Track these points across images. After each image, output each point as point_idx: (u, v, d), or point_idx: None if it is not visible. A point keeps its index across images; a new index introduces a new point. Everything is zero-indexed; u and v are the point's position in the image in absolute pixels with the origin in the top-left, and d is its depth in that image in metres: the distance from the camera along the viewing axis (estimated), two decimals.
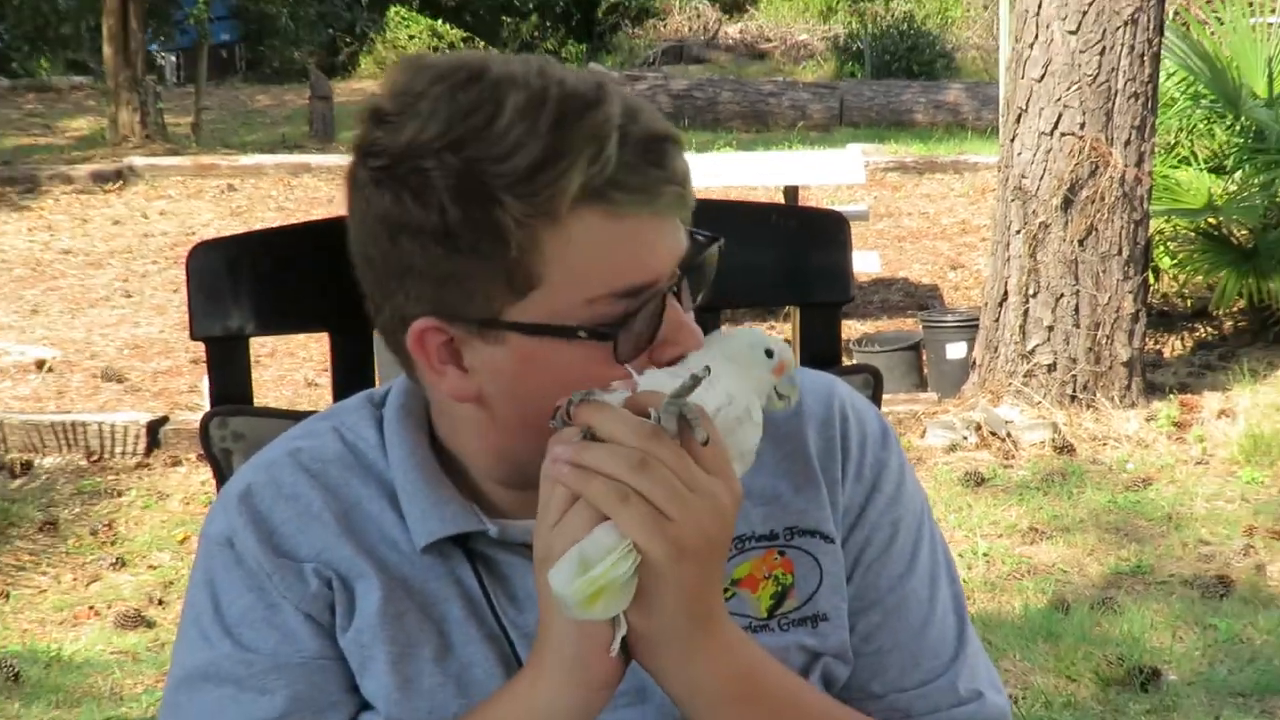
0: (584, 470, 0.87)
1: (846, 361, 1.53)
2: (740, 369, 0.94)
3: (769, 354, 0.95)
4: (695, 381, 0.89)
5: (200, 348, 1.47)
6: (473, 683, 1.08)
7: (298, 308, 1.46)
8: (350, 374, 1.49)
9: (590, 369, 0.94)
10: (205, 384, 1.57)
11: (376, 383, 1.44)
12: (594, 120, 0.92)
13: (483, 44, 17.66)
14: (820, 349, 1.55)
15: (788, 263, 1.53)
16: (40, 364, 7.05)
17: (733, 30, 20.26)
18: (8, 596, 4.63)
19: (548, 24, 20.51)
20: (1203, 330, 7.33)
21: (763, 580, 1.14)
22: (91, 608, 4.58)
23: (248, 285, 1.43)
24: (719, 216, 1.20)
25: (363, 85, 17.28)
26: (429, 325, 0.97)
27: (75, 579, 4.85)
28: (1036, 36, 5.95)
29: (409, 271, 0.96)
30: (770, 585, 1.14)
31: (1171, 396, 6.17)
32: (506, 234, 0.91)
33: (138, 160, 12.39)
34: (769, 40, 19.68)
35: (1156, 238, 6.56)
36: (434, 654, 1.09)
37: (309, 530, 1.10)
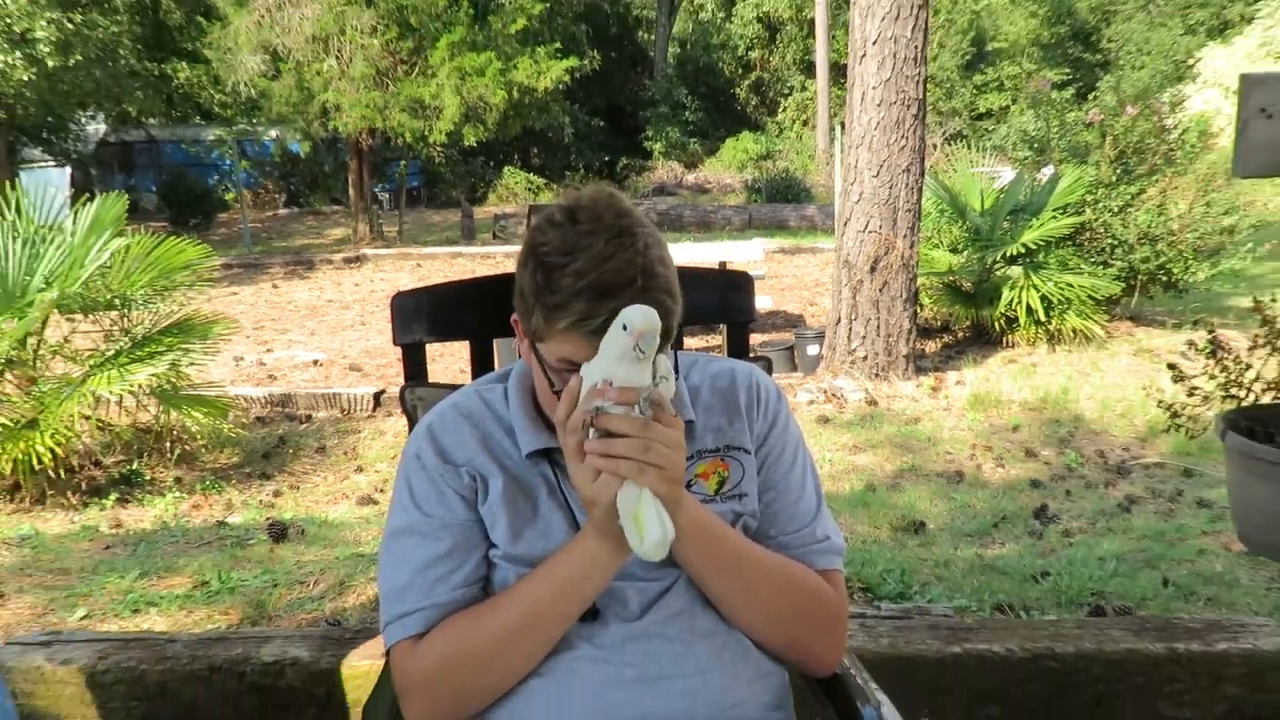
0: (612, 459, 1.16)
1: (753, 356, 1.77)
2: (622, 358, 1.16)
3: (624, 328, 1.15)
4: (656, 382, 1.18)
5: (399, 351, 1.78)
6: (552, 533, 1.38)
7: (451, 327, 1.76)
8: (482, 364, 1.78)
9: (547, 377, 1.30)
10: (402, 369, 1.81)
11: (497, 368, 1.68)
12: (603, 305, 1.21)
13: (557, 184, 26.16)
14: (739, 349, 1.85)
15: (720, 300, 1.82)
16: (315, 362, 8.82)
17: (690, 177, 28.31)
18: (298, 488, 5.51)
19: (590, 174, 28.66)
20: (946, 338, 8.85)
21: (712, 474, 1.44)
22: (344, 494, 5.38)
23: (424, 315, 1.77)
24: (685, 277, 1.35)
25: (490, 209, 22.94)
26: (519, 319, 1.34)
27: (334, 478, 5.72)
28: (855, 180, 7.24)
29: (521, 296, 1.31)
30: (716, 478, 1.44)
31: (930, 374, 7.53)
32: (534, 321, 1.29)
33: (368, 251, 16.97)
34: (710, 183, 27.42)
35: (921, 288, 7.97)
36: (531, 517, 1.39)
37: (463, 448, 1.42)
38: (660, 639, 1.38)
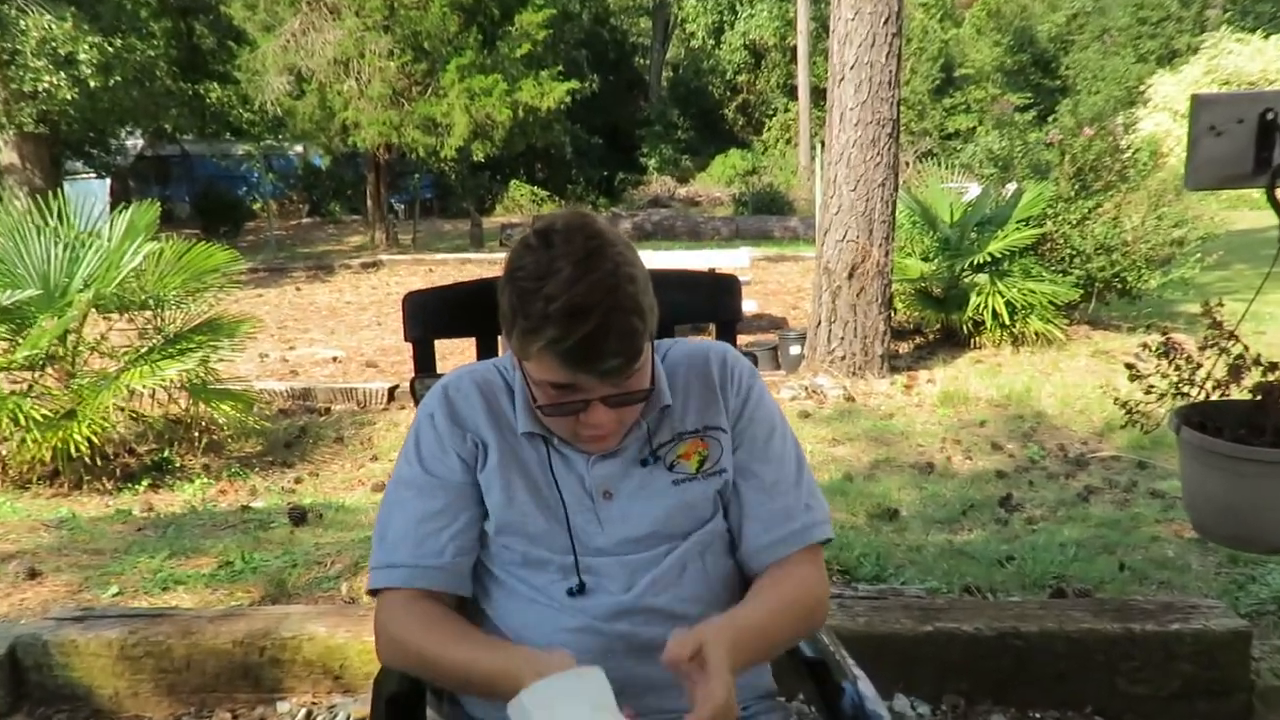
0: None
1: (741, 354, 1.65)
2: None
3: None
4: None
5: (411, 347, 1.80)
6: (543, 504, 1.37)
7: (459, 325, 1.76)
8: (485, 358, 1.71)
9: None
10: (413, 363, 1.81)
11: None
12: (575, 328, 1.20)
13: (559, 197, 26.54)
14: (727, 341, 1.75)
15: (710, 301, 1.81)
16: (334, 359, 8.82)
17: (682, 191, 28.36)
18: (317, 475, 5.55)
19: (590, 187, 28.68)
20: (918, 340, 8.91)
21: (693, 454, 1.42)
22: (360, 481, 5.40)
23: (434, 313, 1.77)
24: (677, 280, 1.42)
25: (497, 219, 22.97)
26: (505, 337, 1.31)
27: (351, 466, 5.75)
28: (834, 193, 7.29)
29: (503, 317, 1.29)
30: (697, 457, 1.42)
31: (903, 373, 7.56)
32: (513, 342, 1.28)
33: (384, 256, 16.98)
34: (701, 196, 27.55)
35: (895, 293, 7.91)
36: (525, 486, 1.38)
37: (471, 413, 1.41)
38: (650, 612, 1.36)
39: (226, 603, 2.92)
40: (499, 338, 1.70)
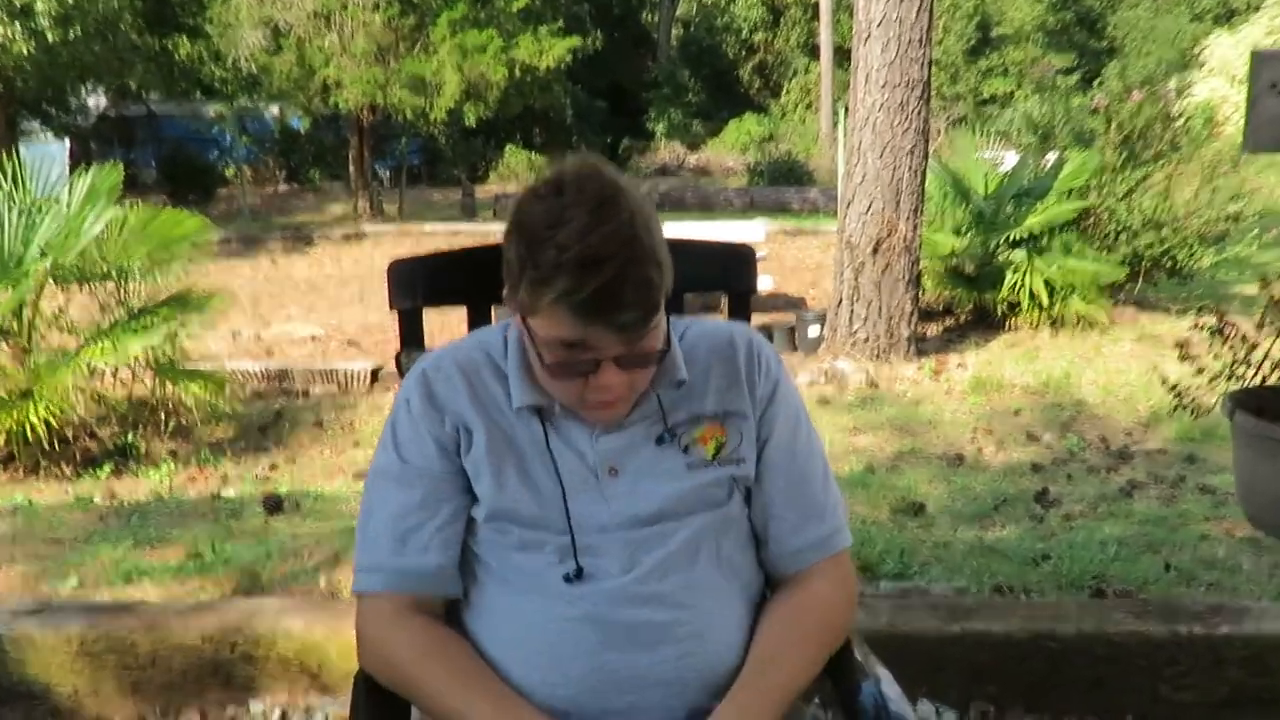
0: None
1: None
2: None
3: None
4: None
5: (396, 320, 1.79)
6: (540, 491, 1.39)
7: (448, 293, 1.76)
8: (478, 326, 1.71)
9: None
10: (398, 335, 1.79)
11: None
12: (588, 279, 1.20)
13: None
14: (740, 317, 1.81)
15: (722, 271, 1.83)
16: (313, 337, 8.87)
17: (692, 159, 28.22)
18: (295, 462, 5.59)
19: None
20: (948, 321, 8.93)
21: (710, 440, 1.43)
22: (340, 469, 5.45)
23: (421, 280, 1.77)
24: (688, 248, 1.42)
25: (491, 188, 22.73)
26: (509, 293, 1.31)
27: (331, 453, 5.84)
28: (858, 161, 7.30)
29: (509, 270, 1.30)
30: (714, 443, 1.43)
31: (931, 357, 7.55)
32: (520, 295, 1.28)
33: (368, 228, 17.03)
34: (713, 164, 27.36)
35: (923, 271, 7.94)
36: (517, 471, 1.39)
37: (452, 397, 1.42)
38: (655, 599, 1.36)
39: (196, 596, 2.93)
40: (494, 308, 1.73)
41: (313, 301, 10.92)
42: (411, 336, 1.76)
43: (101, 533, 3.70)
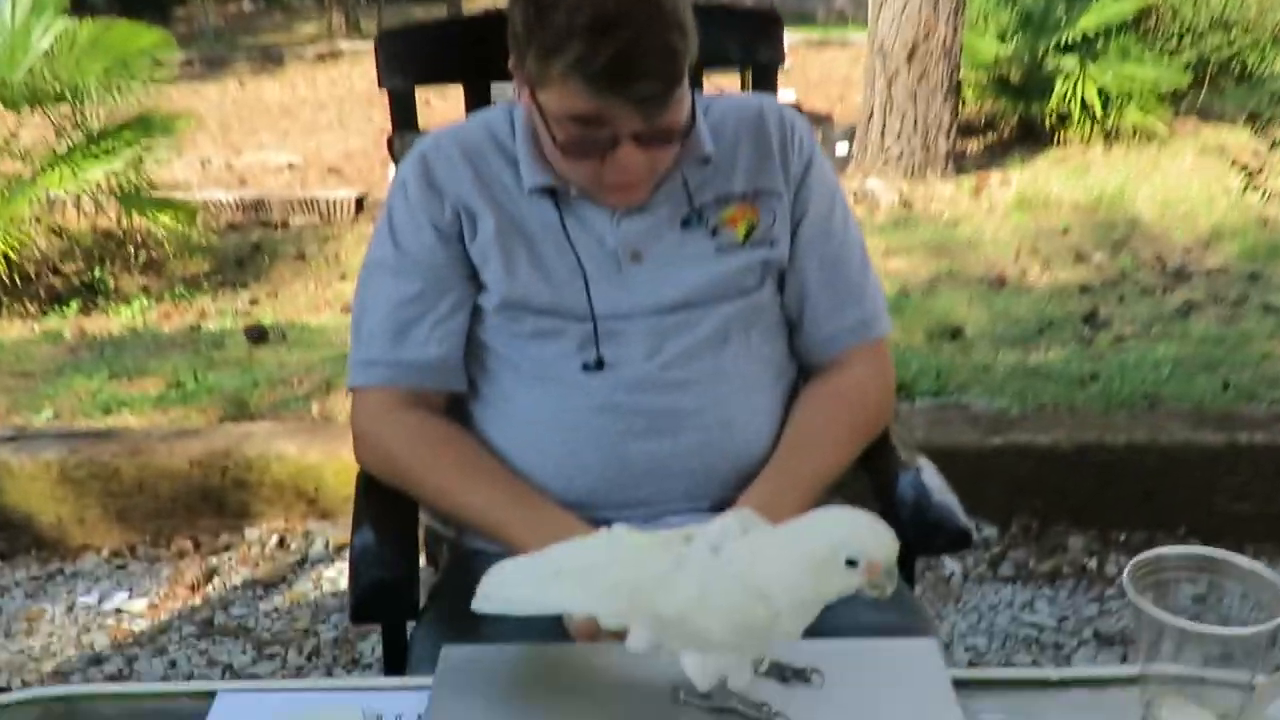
0: None
1: None
2: (819, 579, 0.89)
3: (852, 563, 0.88)
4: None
5: (385, 95, 1.78)
6: (555, 276, 1.39)
7: (444, 69, 1.76)
8: (477, 109, 1.73)
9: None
10: (390, 119, 1.80)
11: None
12: (604, 44, 1.18)
13: None
14: (766, 93, 1.87)
15: (743, 40, 1.88)
16: (290, 165, 8.68)
17: None
18: (276, 296, 5.55)
19: None
20: (990, 137, 8.57)
21: (741, 220, 1.42)
22: (327, 302, 5.41)
23: (414, 55, 1.76)
24: (705, 11, 1.35)
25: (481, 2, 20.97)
26: (515, 64, 1.30)
27: (316, 286, 5.79)
28: None
29: (514, 37, 1.28)
30: (745, 224, 1.42)
31: (971, 174, 7.36)
32: (528, 65, 1.26)
33: (344, 45, 16.09)
34: None
35: (963, 81, 7.65)
36: (529, 257, 1.39)
37: (453, 178, 1.40)
38: (678, 388, 1.38)
39: (180, 425, 2.98)
40: (493, 85, 1.70)
41: (287, 127, 10.72)
42: (404, 118, 1.74)
43: (74, 364, 3.75)
